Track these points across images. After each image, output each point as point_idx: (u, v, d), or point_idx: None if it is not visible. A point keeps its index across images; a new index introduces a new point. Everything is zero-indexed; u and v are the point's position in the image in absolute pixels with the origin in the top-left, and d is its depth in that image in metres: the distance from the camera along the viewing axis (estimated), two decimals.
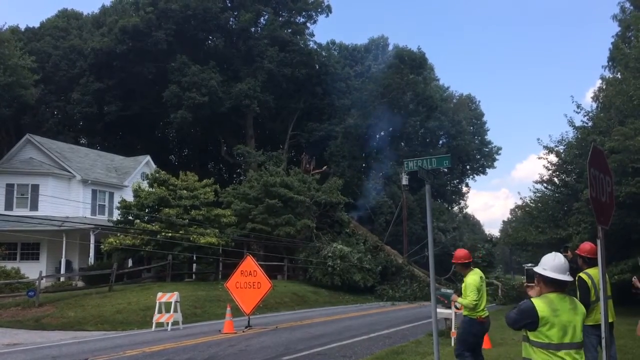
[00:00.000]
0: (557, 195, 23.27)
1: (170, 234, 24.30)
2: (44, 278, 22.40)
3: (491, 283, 31.50)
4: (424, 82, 50.22)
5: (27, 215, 26.28)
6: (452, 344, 10.07)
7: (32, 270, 23.78)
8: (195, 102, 39.28)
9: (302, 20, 47.98)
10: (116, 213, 27.88)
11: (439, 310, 8.37)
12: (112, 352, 11.51)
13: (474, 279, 7.14)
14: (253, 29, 45.74)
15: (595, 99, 26.98)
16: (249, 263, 16.26)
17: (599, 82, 26.25)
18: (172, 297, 16.36)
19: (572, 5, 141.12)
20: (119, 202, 26.61)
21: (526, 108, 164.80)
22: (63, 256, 26.71)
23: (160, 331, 15.70)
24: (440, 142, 59.25)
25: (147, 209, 25.92)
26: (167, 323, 16.09)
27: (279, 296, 24.49)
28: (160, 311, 16.34)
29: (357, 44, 57.58)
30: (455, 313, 11.39)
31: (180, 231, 24.65)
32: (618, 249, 16.17)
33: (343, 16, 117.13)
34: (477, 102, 65.58)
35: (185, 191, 26.34)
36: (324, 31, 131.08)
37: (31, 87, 36.68)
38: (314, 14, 47.71)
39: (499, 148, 63.79)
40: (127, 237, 24.47)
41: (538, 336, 3.67)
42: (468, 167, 63.77)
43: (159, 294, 16.71)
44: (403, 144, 54.15)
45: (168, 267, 25.01)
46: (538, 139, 34.11)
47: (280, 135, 48.24)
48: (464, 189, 68.11)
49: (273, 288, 17.12)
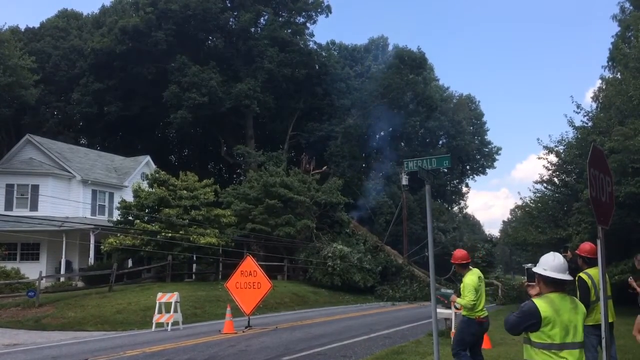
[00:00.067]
0: (557, 195, 23.28)
1: (170, 234, 24.31)
2: (44, 278, 22.41)
3: (491, 283, 31.50)
4: (424, 82, 50.22)
5: (27, 215, 26.35)
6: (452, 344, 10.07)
7: (32, 270, 23.79)
8: (195, 103, 39.28)
9: (302, 20, 47.97)
10: (116, 213, 27.89)
11: (439, 310, 8.37)
12: (112, 353, 11.50)
13: (472, 280, 7.14)
14: (253, 29, 45.72)
15: (595, 99, 27.01)
16: (249, 263, 16.26)
17: (599, 82, 26.27)
18: (172, 298, 16.37)
19: (572, 5, 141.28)
20: (119, 203, 26.62)
21: (526, 108, 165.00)
22: (63, 256, 26.72)
23: (160, 331, 15.70)
24: (440, 142, 59.29)
25: (147, 209, 25.93)
26: (167, 323, 16.09)
27: (279, 296, 24.49)
28: (160, 311, 16.34)
29: (357, 44, 57.66)
30: (455, 313, 11.39)
31: (180, 231, 24.66)
32: (618, 249, 16.16)
33: (343, 16, 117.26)
34: (477, 102, 65.64)
35: (185, 191, 26.34)
36: (324, 31, 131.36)
37: (31, 88, 36.72)
38: (314, 14, 47.71)
39: (499, 148, 63.96)
40: (127, 238, 24.47)
41: (540, 337, 3.66)
42: (468, 167, 63.82)
43: (159, 294, 16.72)
44: (403, 144, 54.20)
45: (168, 268, 25.01)
46: (538, 139, 34.13)
47: (280, 135, 48.23)
48: (464, 189, 68.27)
49: (273, 288, 17.12)
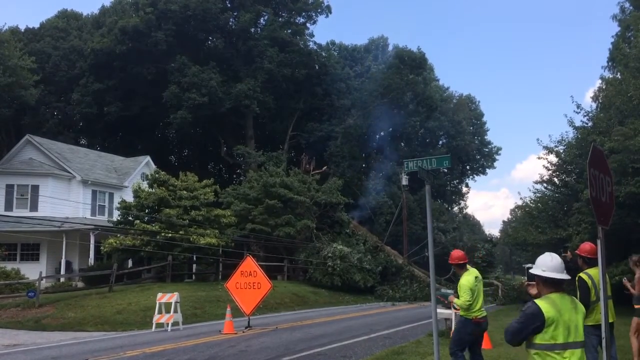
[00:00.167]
0: (557, 195, 23.30)
1: (170, 235, 24.31)
2: (44, 279, 22.42)
3: (491, 283, 31.52)
4: (424, 83, 50.23)
5: (27, 215, 26.35)
6: None
7: (32, 270, 23.78)
8: (195, 103, 39.28)
9: (302, 20, 47.99)
10: (116, 214, 27.88)
11: (439, 310, 8.38)
12: (113, 353, 11.50)
13: (468, 280, 7.18)
14: (253, 30, 45.71)
15: (595, 99, 27.00)
16: (249, 263, 16.26)
17: (599, 82, 26.26)
18: (172, 298, 16.37)
19: (572, 5, 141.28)
20: (119, 203, 26.62)
21: (526, 108, 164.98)
22: (63, 257, 26.71)
23: (160, 332, 15.70)
24: (440, 142, 59.28)
25: (147, 210, 25.92)
26: (167, 323, 16.08)
27: (279, 297, 24.49)
28: (160, 312, 16.34)
29: (357, 45, 57.65)
30: (454, 313, 11.39)
31: (180, 232, 24.65)
32: (618, 249, 16.17)
33: (343, 16, 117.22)
34: (477, 103, 65.63)
35: (185, 192, 26.33)
36: (324, 31, 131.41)
37: (31, 88, 36.75)
38: (314, 15, 47.72)
39: (499, 148, 63.96)
40: (127, 238, 24.46)
41: (544, 338, 3.64)
42: (468, 167, 63.81)
43: (159, 295, 16.73)
44: (403, 144, 54.18)
45: (168, 268, 25.00)
46: (538, 139, 34.17)
47: (280, 135, 48.23)
48: (464, 189, 68.25)
49: (273, 288, 17.12)
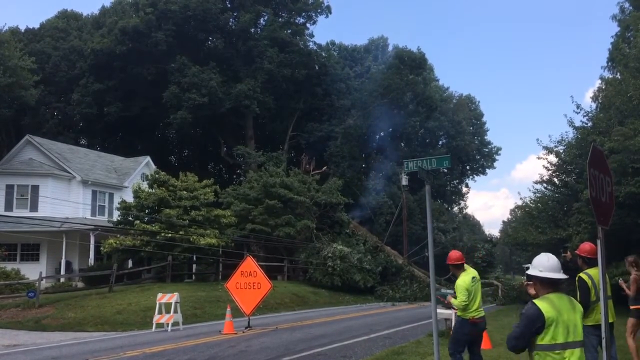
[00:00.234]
0: (557, 195, 23.31)
1: (170, 235, 24.31)
2: (44, 279, 22.43)
3: (491, 283, 31.53)
4: (424, 83, 50.24)
5: (27, 216, 26.35)
6: None
7: (32, 271, 23.79)
8: (195, 103, 39.28)
9: (302, 21, 47.99)
10: (116, 214, 27.88)
11: (439, 310, 8.38)
12: (113, 353, 11.50)
13: (465, 280, 7.23)
14: (253, 30, 45.71)
15: (594, 99, 27.01)
16: (249, 264, 16.26)
17: (599, 82, 26.30)
18: (172, 298, 16.37)
19: (572, 5, 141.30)
20: (119, 203, 26.62)
21: (526, 108, 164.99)
22: (63, 257, 26.72)
23: (160, 332, 15.70)
24: (440, 143, 59.29)
25: (147, 210, 25.92)
26: (167, 324, 16.09)
27: (279, 297, 24.49)
28: (160, 312, 16.35)
29: (357, 45, 57.64)
30: (454, 313, 11.39)
31: (180, 232, 24.65)
32: (618, 250, 16.17)
33: (343, 17, 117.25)
34: (477, 103, 65.63)
35: (185, 192, 26.33)
36: (324, 32, 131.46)
37: (31, 88, 36.73)
38: (314, 15, 47.72)
39: (499, 148, 63.97)
40: (127, 238, 24.47)
41: (544, 338, 3.64)
42: (468, 168, 63.81)
43: (159, 295, 16.73)
44: (403, 145, 54.18)
45: (168, 268, 25.00)
46: (537, 140, 34.20)
47: (280, 135, 48.23)
48: (464, 189, 68.25)
49: (273, 289, 17.12)
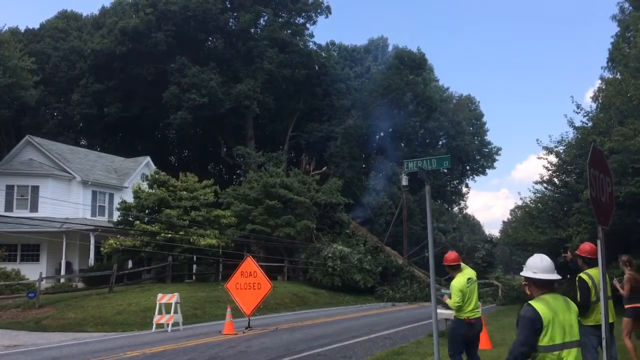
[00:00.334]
0: (557, 195, 23.33)
1: (170, 235, 24.31)
2: (44, 279, 22.42)
3: (491, 284, 31.53)
4: (424, 83, 50.25)
5: (27, 216, 26.35)
6: None
7: (32, 271, 23.78)
8: (195, 103, 39.27)
9: (302, 21, 47.99)
10: (116, 214, 27.88)
11: (439, 310, 8.38)
12: (113, 354, 11.50)
13: (459, 282, 7.29)
14: (253, 30, 45.71)
15: (595, 100, 27.05)
16: (249, 264, 16.26)
17: (599, 83, 26.31)
18: (173, 298, 16.37)
19: (572, 5, 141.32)
20: (119, 204, 26.62)
21: (526, 108, 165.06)
22: (63, 257, 26.71)
23: (160, 332, 15.70)
24: (440, 143, 59.28)
25: (147, 210, 25.92)
26: (168, 324, 16.08)
27: (279, 297, 24.49)
28: (160, 312, 16.34)
29: (357, 45, 57.67)
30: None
31: (180, 232, 24.65)
32: (618, 250, 16.18)
33: (343, 17, 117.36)
34: (477, 103, 65.54)
35: (185, 192, 26.33)
36: (324, 32, 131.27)
37: (31, 89, 36.72)
38: (314, 15, 47.71)
39: (499, 148, 63.90)
40: (127, 239, 24.47)
41: (542, 340, 3.63)
42: (468, 168, 63.79)
43: (159, 295, 16.73)
44: (403, 145, 54.17)
45: (168, 268, 24.99)
46: (537, 140, 34.24)
47: (280, 136, 48.23)
48: (464, 190, 68.19)
49: (273, 289, 17.12)
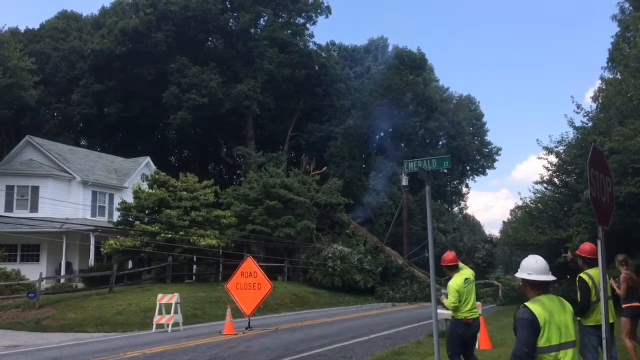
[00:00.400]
0: (557, 195, 23.32)
1: (170, 236, 24.31)
2: (44, 279, 22.41)
3: (491, 284, 31.53)
4: (424, 83, 50.25)
5: (27, 216, 26.36)
6: None
7: (32, 271, 23.78)
8: (195, 103, 39.28)
9: (302, 21, 48.01)
10: (116, 214, 27.88)
11: (440, 310, 8.37)
12: (113, 354, 11.50)
13: (456, 282, 7.31)
14: (253, 30, 45.72)
15: (595, 100, 27.06)
16: (249, 264, 16.26)
17: (599, 83, 26.31)
18: (173, 299, 16.37)
19: (572, 5, 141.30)
20: (119, 204, 26.62)
21: (526, 108, 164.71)
22: (63, 258, 26.70)
23: (160, 332, 15.69)
24: (440, 143, 59.28)
25: (147, 211, 25.92)
26: (168, 324, 16.08)
27: (279, 297, 24.49)
28: (160, 312, 16.34)
29: (357, 45, 57.68)
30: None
31: (180, 232, 24.65)
32: (618, 250, 16.18)
33: (343, 17, 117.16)
34: (477, 103, 65.52)
35: (185, 192, 26.32)
36: (324, 32, 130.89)
37: (31, 89, 36.71)
38: (314, 15, 47.73)
39: (499, 149, 63.87)
40: (127, 239, 24.46)
41: (539, 341, 3.62)
42: (468, 168, 63.79)
43: (159, 296, 16.72)
44: (403, 145, 54.17)
45: (168, 269, 24.98)
46: (538, 140, 34.28)
47: (280, 136, 48.23)
48: (464, 190, 68.17)
49: (273, 289, 17.12)
